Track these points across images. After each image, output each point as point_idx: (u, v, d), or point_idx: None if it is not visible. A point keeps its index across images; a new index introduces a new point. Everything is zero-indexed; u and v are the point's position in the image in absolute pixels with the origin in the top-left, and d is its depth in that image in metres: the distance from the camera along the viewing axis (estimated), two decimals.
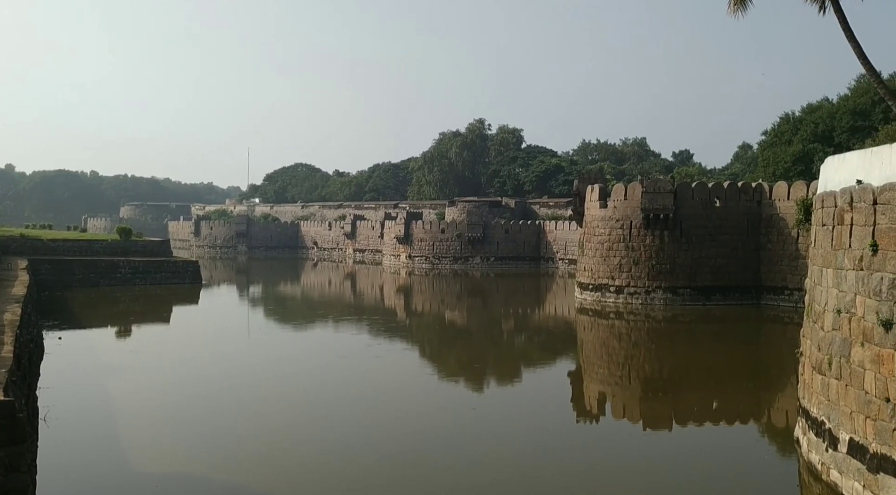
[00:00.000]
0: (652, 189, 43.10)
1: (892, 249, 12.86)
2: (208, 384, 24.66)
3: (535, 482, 15.50)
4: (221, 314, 47.32)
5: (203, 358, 29.90)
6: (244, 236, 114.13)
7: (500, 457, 17.12)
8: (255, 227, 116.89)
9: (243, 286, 70.94)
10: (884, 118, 55.81)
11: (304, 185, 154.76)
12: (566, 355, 34.13)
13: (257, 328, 40.95)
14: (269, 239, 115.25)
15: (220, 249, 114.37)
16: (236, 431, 18.88)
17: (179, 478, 15.43)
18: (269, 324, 44.08)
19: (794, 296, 38.84)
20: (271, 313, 49.21)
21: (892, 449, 12.45)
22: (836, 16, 23.26)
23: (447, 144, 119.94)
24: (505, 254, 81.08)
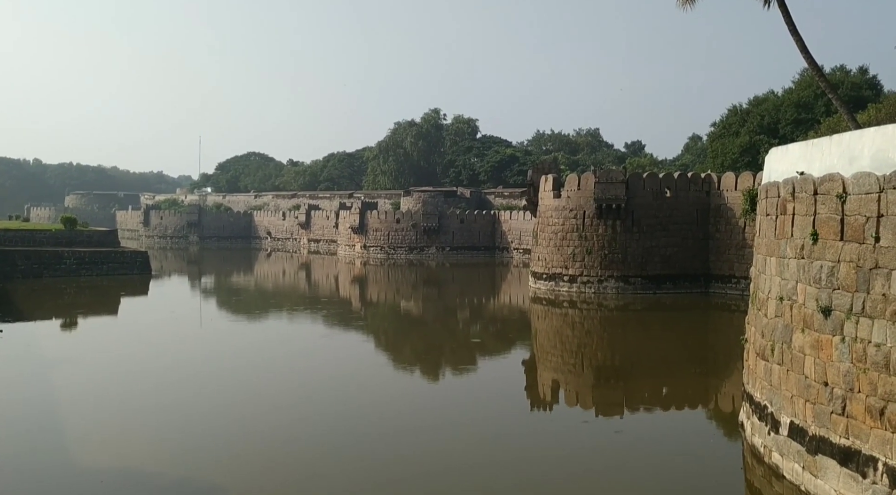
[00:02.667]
0: (605, 179, 43.65)
1: (831, 238, 13.26)
2: (157, 376, 24.17)
3: (489, 470, 15.61)
4: (172, 305, 46.38)
5: (152, 350, 29.28)
6: (196, 226, 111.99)
7: (454, 446, 17.20)
8: (206, 217, 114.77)
9: (195, 277, 69.67)
10: (825, 111, 57.46)
11: (257, 175, 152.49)
12: (520, 344, 34.43)
13: (209, 319, 40.28)
14: (222, 229, 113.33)
15: (171, 239, 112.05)
16: (184, 425, 18.56)
17: (125, 473, 15.11)
18: (221, 315, 43.41)
19: (741, 284, 39.84)
20: (224, 304, 48.46)
21: (829, 432, 12.89)
22: (780, 10, 23.81)
23: (402, 134, 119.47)
24: (460, 244, 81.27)
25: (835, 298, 12.96)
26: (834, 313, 12.95)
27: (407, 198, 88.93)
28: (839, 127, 34.96)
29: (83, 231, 60.52)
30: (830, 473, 12.77)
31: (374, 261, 78.48)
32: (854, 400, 12.38)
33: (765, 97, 70.44)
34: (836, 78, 61.18)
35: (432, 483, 14.87)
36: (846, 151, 13.24)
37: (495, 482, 14.97)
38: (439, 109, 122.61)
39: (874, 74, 66.19)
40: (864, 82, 64.03)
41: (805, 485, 13.38)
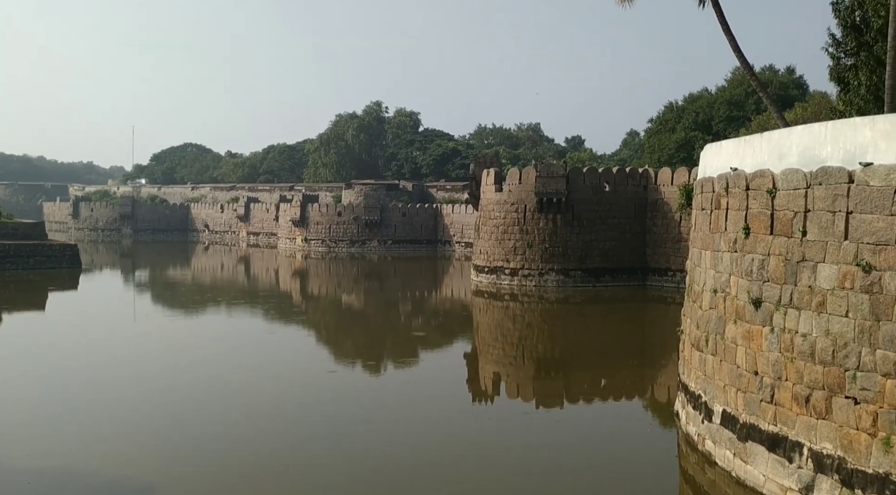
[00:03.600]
0: (545, 173, 44.13)
1: (761, 232, 13.70)
2: (88, 374, 23.35)
3: (431, 463, 15.63)
4: (104, 300, 44.88)
5: (82, 347, 28.26)
6: (129, 218, 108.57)
7: (396, 439, 17.14)
8: (141, 209, 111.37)
9: (128, 270, 67.55)
10: (756, 109, 59.36)
11: (194, 166, 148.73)
12: (462, 337, 34.58)
13: (144, 314, 39.11)
14: (157, 221, 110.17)
15: (103, 232, 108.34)
16: (116, 424, 17.97)
17: (54, 473, 14.55)
18: (156, 310, 42.22)
19: (677, 277, 40.88)
20: (159, 298, 47.15)
21: (759, 419, 13.34)
22: (714, 10, 24.42)
23: (344, 126, 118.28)
24: (402, 238, 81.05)
25: (765, 290, 13.40)
26: (764, 305, 13.39)
27: (349, 191, 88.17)
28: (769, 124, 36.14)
29: (7, 223, 57.89)
30: (759, 459, 13.22)
31: (315, 255, 77.60)
32: (782, 388, 12.84)
33: (699, 94, 72.34)
34: (765, 77, 63.25)
35: (374, 477, 14.78)
36: (776, 148, 13.69)
37: (438, 474, 14.99)
38: (381, 102, 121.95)
39: (801, 74, 68.82)
40: (792, 82, 66.42)
41: (736, 471, 13.83)
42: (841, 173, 11.91)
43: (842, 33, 21.24)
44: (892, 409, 10.84)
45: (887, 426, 10.90)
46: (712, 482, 14.18)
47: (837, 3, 21.23)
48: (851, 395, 11.49)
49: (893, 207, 11.02)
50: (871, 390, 11.18)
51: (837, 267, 11.86)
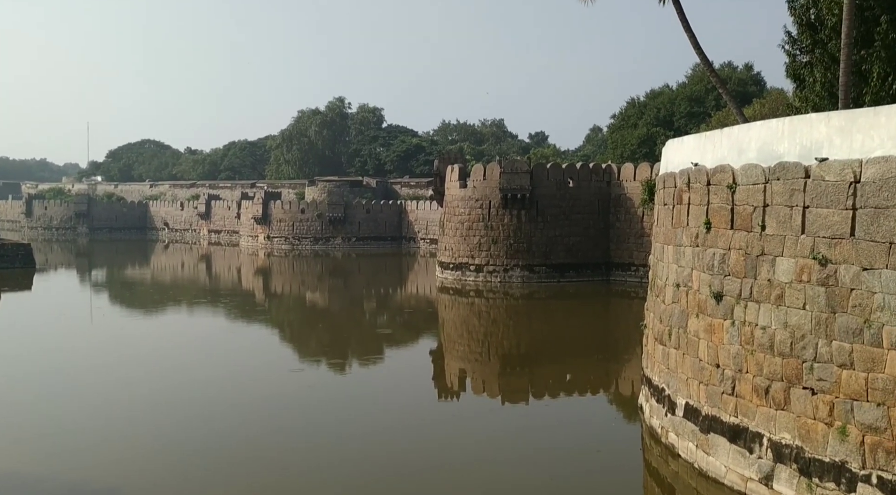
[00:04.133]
0: (510, 169, 44.27)
1: (722, 227, 13.89)
2: (43, 375, 22.71)
3: (396, 459, 15.54)
4: (59, 301, 43.76)
5: (38, 348, 27.51)
6: (85, 217, 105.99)
7: (362, 437, 17.01)
8: (97, 207, 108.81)
9: (85, 270, 65.99)
10: (716, 105, 60.37)
11: (152, 163, 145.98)
12: (428, 333, 34.53)
13: (101, 315, 38.26)
14: (114, 219, 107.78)
15: (57, 231, 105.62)
16: (72, 426, 17.52)
17: (8, 477, 14.12)
18: (115, 310, 41.33)
19: (640, 271, 41.35)
20: (118, 298, 46.16)
21: (720, 411, 13.55)
22: (674, 7, 24.68)
23: (306, 122, 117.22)
24: (366, 235, 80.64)
25: (726, 284, 13.60)
26: (725, 298, 13.59)
27: (312, 188, 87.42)
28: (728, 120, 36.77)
29: None
30: (721, 450, 13.43)
31: (278, 253, 76.79)
32: (742, 380, 13.05)
33: (661, 91, 73.32)
34: (724, 73, 64.33)
35: (338, 475, 14.65)
36: (735, 144, 13.89)
37: (402, 471, 14.92)
38: (344, 98, 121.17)
39: (758, 71, 70.19)
40: (750, 78, 67.69)
41: (698, 463, 14.03)
42: (798, 168, 12.12)
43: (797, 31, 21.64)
44: (848, 399, 11.08)
45: (843, 415, 11.14)
46: (675, 474, 14.37)
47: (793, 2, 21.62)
48: (809, 386, 11.72)
49: (848, 202, 11.25)
50: (827, 380, 11.41)
51: (795, 260, 12.08)
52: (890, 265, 10.61)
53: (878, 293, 10.74)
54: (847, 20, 17.37)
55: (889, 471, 10.49)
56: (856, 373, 11.00)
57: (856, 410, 10.97)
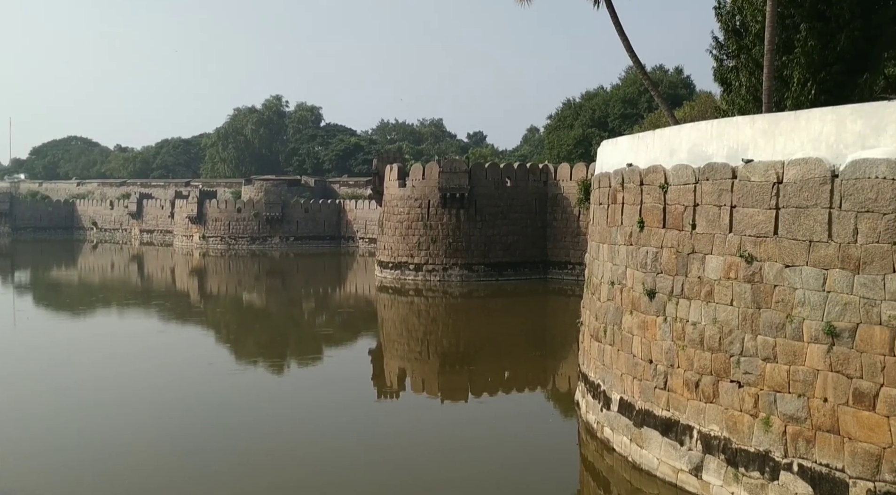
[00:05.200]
0: (448, 169, 44.46)
1: (655, 226, 14.28)
2: None
3: (335, 460, 15.42)
4: None
5: None
6: (6, 216, 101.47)
7: (299, 438, 16.83)
8: (20, 206, 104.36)
9: (6, 271, 63.16)
10: (648, 106, 61.92)
11: (79, 161, 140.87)
12: (367, 333, 34.37)
13: (26, 318, 36.70)
14: (39, 219, 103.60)
15: None
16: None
17: None
18: (40, 313, 39.71)
19: (576, 270, 42.07)
20: (43, 301, 44.34)
21: (653, 405, 13.93)
22: (608, 10, 25.20)
23: (242, 120, 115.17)
24: (305, 234, 79.75)
25: (658, 282, 13.99)
26: (658, 295, 13.97)
27: (248, 187, 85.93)
28: (660, 122, 37.77)
29: None
30: (654, 443, 13.81)
31: (214, 253, 75.15)
32: (674, 375, 13.45)
33: (596, 92, 74.77)
34: (656, 76, 66.07)
35: (275, 477, 14.45)
36: (667, 145, 14.30)
37: (343, 472, 14.82)
38: (281, 96, 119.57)
39: (688, 74, 72.36)
40: (680, 81, 69.69)
41: (632, 456, 14.39)
42: (725, 169, 12.56)
43: (724, 37, 22.36)
44: (772, 391, 11.55)
45: (767, 407, 11.61)
46: (610, 468, 14.70)
47: (720, 8, 22.33)
48: (736, 379, 12.16)
49: (771, 201, 11.72)
50: (752, 373, 11.87)
51: (723, 258, 12.52)
52: (810, 262, 11.10)
53: (798, 289, 11.22)
54: (769, 27, 18.07)
55: (809, 459, 10.99)
56: (779, 366, 11.47)
57: (779, 402, 11.44)
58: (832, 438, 10.71)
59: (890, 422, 10.04)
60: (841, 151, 10.78)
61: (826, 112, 11.26)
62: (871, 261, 10.31)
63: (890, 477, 10.02)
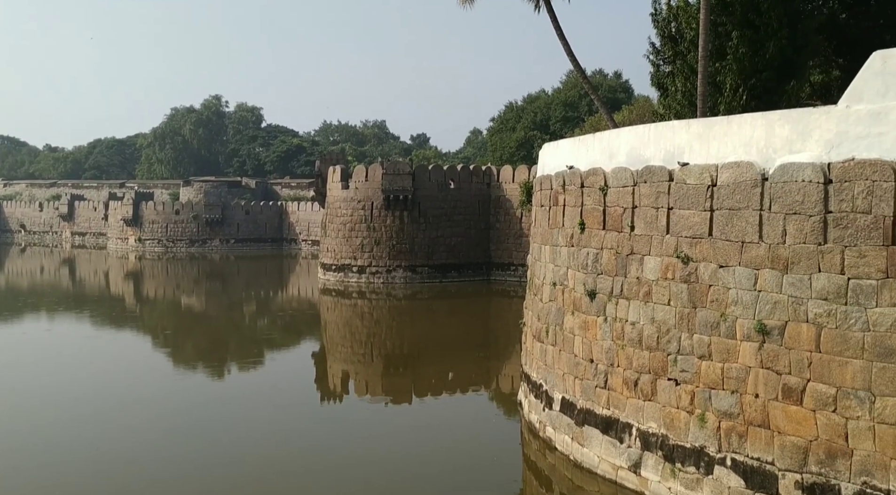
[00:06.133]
0: (392, 171, 44.38)
1: (595, 227, 14.53)
2: None
3: (278, 464, 15.19)
4: None
5: None
6: None
7: (240, 444, 16.52)
8: None
9: None
10: (589, 110, 62.99)
11: (6, 161, 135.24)
12: (310, 336, 33.98)
13: None
14: None
15: None
16: None
17: None
18: None
19: (519, 271, 42.49)
20: None
21: (594, 404, 14.17)
22: (548, 15, 25.57)
23: (180, 120, 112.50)
24: (246, 236, 78.42)
25: (599, 282, 14.24)
26: (598, 296, 14.22)
27: (187, 189, 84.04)
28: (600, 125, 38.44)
29: None
30: (594, 441, 14.05)
31: (150, 256, 73.16)
32: (614, 374, 13.71)
33: (537, 95, 75.69)
34: (596, 80, 67.27)
35: (213, 483, 14.15)
36: (607, 148, 14.57)
37: (282, 477, 14.61)
38: (221, 96, 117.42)
39: (627, 79, 74.04)
40: (619, 85, 71.17)
41: (573, 455, 14.60)
42: (662, 172, 12.88)
43: (660, 43, 22.93)
44: (707, 388, 11.89)
45: (702, 403, 11.94)
46: (552, 466, 14.88)
47: (656, 15, 22.89)
48: (673, 377, 12.47)
49: (706, 204, 12.06)
50: (689, 371, 12.19)
51: (661, 259, 12.82)
52: (742, 263, 11.47)
53: (732, 289, 11.59)
54: (703, 34, 18.63)
55: (741, 453, 11.35)
56: (713, 364, 11.82)
57: (713, 398, 11.78)
58: (763, 432, 11.08)
59: (816, 416, 10.45)
60: (770, 155, 11.18)
61: (756, 117, 11.67)
62: (798, 262, 10.72)
63: (815, 469, 10.43)
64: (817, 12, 21.73)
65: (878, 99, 10.07)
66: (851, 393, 10.08)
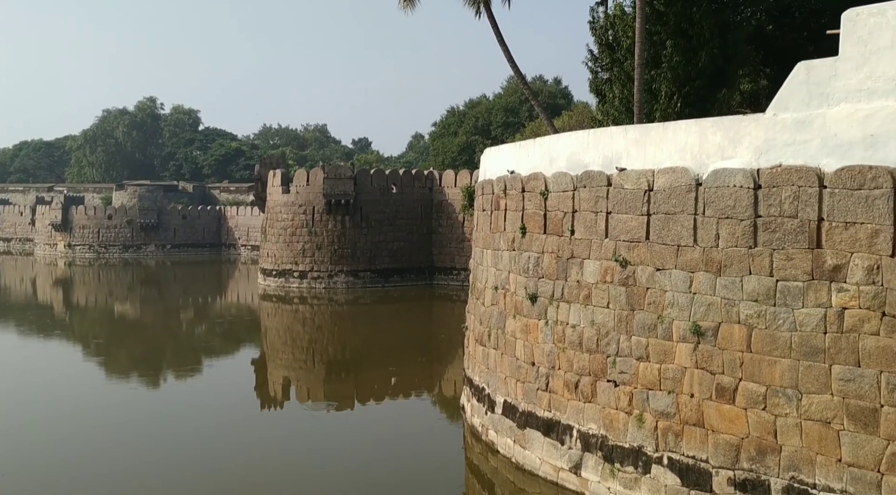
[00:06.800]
0: (333, 175, 44.02)
1: (536, 232, 14.70)
2: None
3: (215, 472, 14.84)
4: None
5: None
6: None
7: (177, 453, 16.07)
8: None
9: None
10: (529, 115, 63.77)
11: None
12: (250, 343, 33.35)
13: None
14: None
15: None
16: None
17: None
18: None
19: (462, 275, 42.65)
20: None
21: (536, 407, 14.31)
22: (489, 21, 25.80)
23: (113, 122, 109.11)
24: (183, 242, 76.58)
25: (540, 286, 14.39)
26: (539, 299, 14.38)
27: (120, 193, 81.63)
28: (541, 131, 38.93)
29: None
30: (536, 444, 14.18)
31: (81, 262, 70.63)
32: (555, 376, 13.87)
33: (479, 100, 76.27)
34: (536, 86, 68.20)
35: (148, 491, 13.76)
36: (547, 153, 14.77)
37: (222, 487, 14.27)
38: (156, 98, 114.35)
39: (566, 85, 75.21)
40: (559, 92, 72.33)
41: (515, 457, 14.71)
42: (601, 177, 13.11)
43: (598, 50, 23.41)
44: (645, 389, 12.14)
45: (640, 404, 12.19)
46: (495, 470, 14.95)
47: (594, 23, 23.39)
48: (612, 379, 12.69)
49: (643, 208, 12.34)
50: (627, 373, 12.44)
51: (600, 262, 13.05)
52: (678, 266, 11.77)
53: (668, 291, 11.87)
54: (639, 43, 19.11)
55: (677, 452, 11.63)
56: (651, 365, 12.08)
57: (651, 399, 12.04)
58: (698, 431, 11.38)
59: (748, 414, 10.79)
60: (704, 161, 11.51)
61: (690, 124, 12.00)
62: (730, 264, 11.05)
63: (747, 465, 10.76)
64: (746, 23, 22.53)
65: (803, 107, 10.48)
66: (780, 392, 10.44)
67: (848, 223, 9.88)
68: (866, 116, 9.81)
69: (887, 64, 9.77)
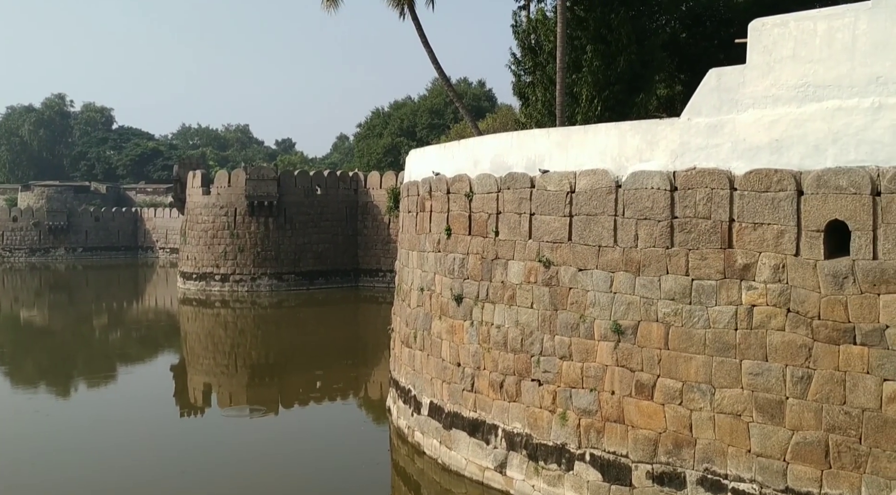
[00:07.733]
0: (256, 176, 43.17)
1: (461, 233, 14.77)
2: None
3: (133, 483, 14.27)
4: None
5: None
6: None
7: (92, 461, 15.38)
8: None
9: None
10: (454, 117, 64.20)
11: None
12: (169, 348, 32.28)
13: None
14: None
15: None
16: None
17: None
18: None
19: (387, 277, 42.53)
20: None
21: (461, 407, 14.37)
22: (413, 23, 25.84)
23: (18, 120, 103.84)
24: (96, 244, 73.55)
25: (465, 287, 14.47)
26: (465, 300, 14.45)
27: (27, 194, 77.72)
28: (465, 132, 39.20)
29: None
30: (462, 444, 14.24)
31: None
32: (480, 377, 13.97)
33: (404, 102, 76.28)
34: (460, 89, 68.68)
35: None
36: (471, 155, 14.86)
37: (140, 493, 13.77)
38: (65, 95, 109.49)
39: (490, 88, 76.18)
40: (483, 94, 73.08)
41: (441, 458, 14.74)
42: (524, 179, 13.29)
43: (521, 54, 23.80)
44: (568, 387, 12.37)
45: (563, 402, 12.41)
46: (421, 471, 14.94)
47: (517, 26, 23.76)
48: (536, 378, 12.88)
49: (566, 209, 12.57)
50: (551, 372, 12.64)
51: (524, 263, 13.22)
52: (599, 266, 12.04)
53: (590, 291, 12.13)
54: (560, 47, 19.52)
55: (599, 448, 11.89)
56: (574, 364, 12.31)
57: (574, 397, 12.28)
58: (618, 427, 11.67)
59: (665, 409, 11.14)
60: (623, 164, 11.81)
61: (610, 127, 12.30)
62: (649, 264, 11.39)
63: (664, 459, 11.11)
64: (661, 31, 23.35)
65: (715, 112, 10.90)
66: (695, 387, 10.82)
67: (756, 224, 10.32)
68: (772, 122, 10.28)
69: (789, 73, 10.26)
